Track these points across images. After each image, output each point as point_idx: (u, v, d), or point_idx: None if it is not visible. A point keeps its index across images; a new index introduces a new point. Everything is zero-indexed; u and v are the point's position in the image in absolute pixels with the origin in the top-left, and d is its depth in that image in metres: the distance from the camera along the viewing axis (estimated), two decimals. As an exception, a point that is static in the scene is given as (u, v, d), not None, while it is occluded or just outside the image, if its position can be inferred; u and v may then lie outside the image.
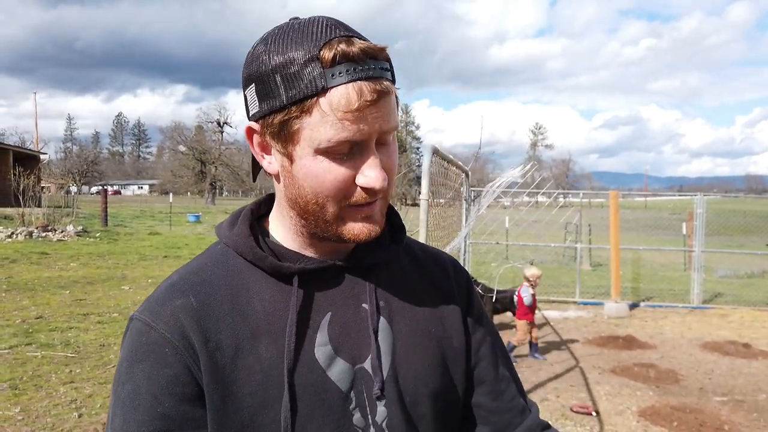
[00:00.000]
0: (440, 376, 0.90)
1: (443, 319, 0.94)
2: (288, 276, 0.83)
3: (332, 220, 0.79)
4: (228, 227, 0.89)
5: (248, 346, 0.79)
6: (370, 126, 0.74)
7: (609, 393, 5.53)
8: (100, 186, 56.03)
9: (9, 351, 5.93)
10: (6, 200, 22.13)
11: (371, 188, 0.76)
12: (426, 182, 2.46)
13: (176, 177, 64.91)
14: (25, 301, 8.52)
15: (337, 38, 0.72)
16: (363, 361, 0.83)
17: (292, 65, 0.72)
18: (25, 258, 12.93)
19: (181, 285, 0.82)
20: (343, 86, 0.71)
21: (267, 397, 0.78)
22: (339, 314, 0.84)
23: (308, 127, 0.73)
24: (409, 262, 0.97)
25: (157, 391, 0.75)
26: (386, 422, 0.83)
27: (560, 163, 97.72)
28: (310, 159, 0.75)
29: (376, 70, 0.73)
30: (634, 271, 14.98)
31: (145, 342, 0.77)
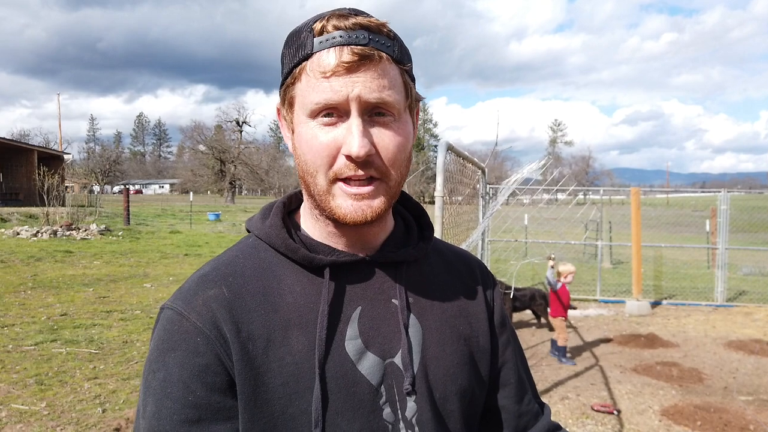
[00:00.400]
0: (468, 373, 0.91)
1: (470, 318, 0.95)
2: (319, 268, 0.83)
3: (323, 193, 0.79)
4: (260, 220, 0.90)
5: (280, 337, 0.79)
6: (350, 90, 0.74)
7: (630, 392, 5.47)
8: (122, 185, 56.76)
9: (35, 347, 6.05)
10: (31, 200, 22.56)
11: (350, 155, 0.75)
12: (441, 179, 2.45)
13: (196, 176, 65.52)
14: (50, 298, 8.68)
15: (333, 13, 0.76)
16: (393, 356, 0.84)
17: (296, 41, 0.78)
18: (50, 256, 13.17)
19: (213, 276, 0.83)
20: (326, 50, 0.74)
21: (298, 388, 0.78)
22: (369, 308, 0.85)
23: (299, 93, 0.78)
24: (437, 260, 0.98)
25: (189, 380, 0.76)
26: (416, 417, 0.83)
27: (580, 159, 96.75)
28: (303, 126, 0.78)
29: (365, 39, 0.75)
30: (656, 268, 14.78)
31: (177, 331, 0.78)
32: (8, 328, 6.77)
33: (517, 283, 10.92)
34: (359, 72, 0.74)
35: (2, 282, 9.81)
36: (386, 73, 0.76)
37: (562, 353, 6.39)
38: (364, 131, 0.75)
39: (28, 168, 25.35)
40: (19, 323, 7.03)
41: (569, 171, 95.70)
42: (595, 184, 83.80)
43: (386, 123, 0.78)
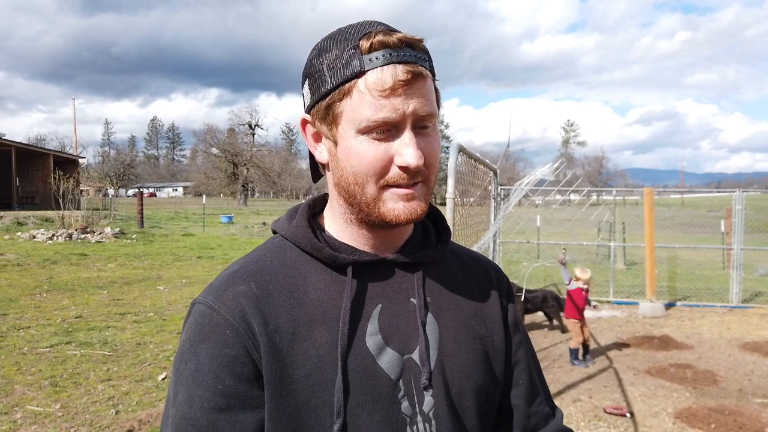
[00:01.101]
0: (483, 371, 0.94)
1: (485, 319, 0.98)
2: (342, 267, 0.88)
3: (372, 201, 0.83)
4: (287, 221, 0.94)
5: (304, 331, 0.83)
6: (405, 106, 0.79)
7: (644, 394, 5.42)
8: (137, 189, 57.27)
9: (50, 349, 6.12)
10: (47, 203, 22.84)
11: (407, 166, 0.80)
12: (452, 181, 2.46)
13: (209, 179, 65.98)
14: (65, 301, 8.78)
15: (376, 30, 0.79)
16: (411, 352, 0.87)
17: (336, 56, 0.80)
18: (65, 259, 13.32)
19: (242, 273, 0.87)
20: (379, 68, 0.78)
21: (321, 380, 0.81)
22: (389, 306, 0.88)
23: (350, 109, 0.80)
24: (454, 262, 1.01)
25: (219, 370, 0.80)
26: (433, 411, 0.86)
27: (593, 160, 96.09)
28: (352, 140, 0.81)
29: (411, 56, 0.79)
30: (670, 269, 14.64)
31: (208, 323, 0.82)
32: (24, 331, 6.86)
33: (530, 284, 10.87)
34: (412, 89, 0.79)
35: (18, 285, 9.94)
36: (429, 87, 0.82)
37: (573, 355, 6.34)
38: (416, 143, 0.80)
39: (44, 172, 25.67)
40: (35, 325, 7.12)
41: (582, 172, 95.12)
42: (609, 185, 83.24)
43: (428, 133, 0.83)
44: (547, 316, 8.07)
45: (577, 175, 67.63)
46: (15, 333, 6.74)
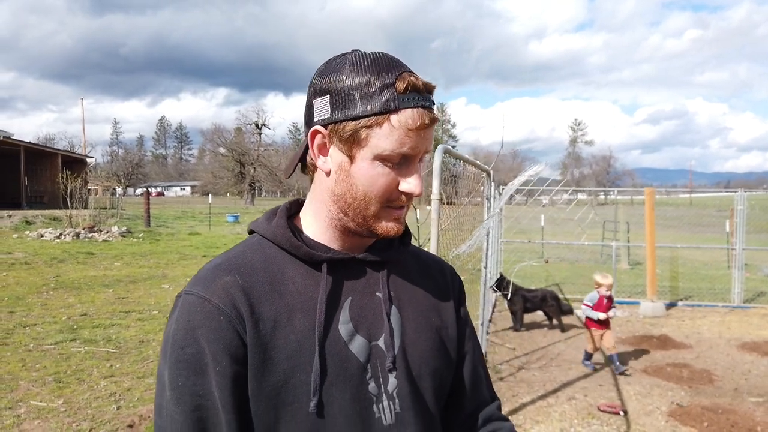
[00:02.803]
0: (440, 357, 1.06)
1: (441, 312, 1.10)
2: (318, 263, 0.98)
3: (371, 216, 0.96)
4: (266, 221, 1.04)
5: (285, 319, 0.92)
6: (420, 145, 0.93)
7: (639, 393, 5.46)
8: (144, 188, 57.69)
9: (55, 346, 6.23)
10: (55, 202, 23.06)
11: (411, 193, 0.95)
12: (437, 183, 2.52)
13: (216, 178, 66.27)
14: (71, 299, 8.91)
15: (406, 72, 0.91)
16: (377, 339, 0.99)
17: (370, 86, 0.90)
18: (73, 258, 13.48)
19: (226, 266, 0.95)
20: (410, 110, 0.90)
21: (300, 362, 0.91)
22: (358, 299, 1.00)
23: (375, 137, 0.90)
24: (414, 263, 1.14)
25: (217, 353, 0.88)
26: (396, 391, 0.98)
27: (600, 159, 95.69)
28: (368, 163, 0.92)
29: (430, 101, 0.94)
30: (673, 269, 14.63)
31: (200, 311, 0.90)
32: (30, 328, 6.98)
33: (531, 284, 10.91)
34: (428, 131, 0.93)
35: (26, 283, 10.09)
36: (434, 129, 0.96)
37: (586, 356, 6.28)
38: (420, 175, 0.96)
39: (53, 171, 25.88)
40: (41, 323, 7.25)
41: (590, 171, 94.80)
42: (617, 185, 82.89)
43: (423, 161, 0.98)
44: (547, 315, 8.11)
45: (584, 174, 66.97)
46: (21, 330, 6.87)
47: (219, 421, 0.88)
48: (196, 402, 0.88)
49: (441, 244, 3.11)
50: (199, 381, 0.88)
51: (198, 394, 0.88)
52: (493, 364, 6.32)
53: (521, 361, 6.49)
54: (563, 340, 7.49)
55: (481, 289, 5.01)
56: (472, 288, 5.64)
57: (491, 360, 6.46)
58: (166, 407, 0.90)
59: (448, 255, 3.20)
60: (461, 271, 4.27)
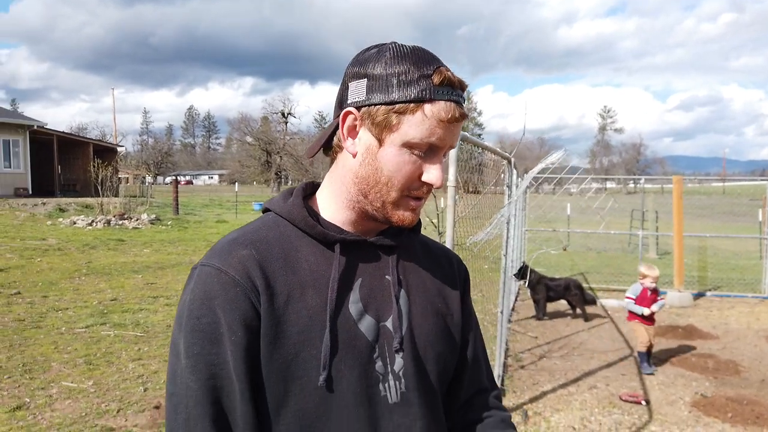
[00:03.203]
0: (444, 342, 1.09)
1: (446, 299, 1.13)
2: (331, 243, 1.01)
3: (390, 203, 0.98)
4: (282, 200, 1.07)
5: (297, 294, 0.95)
6: (449, 138, 0.96)
7: (662, 383, 5.41)
8: (173, 176, 58.58)
9: (86, 330, 6.43)
10: (87, 190, 23.60)
11: (432, 184, 0.97)
12: (453, 169, 2.53)
13: (243, 167, 66.91)
14: (102, 284, 9.15)
15: (443, 67, 0.94)
16: (386, 320, 1.01)
17: (407, 74, 0.93)
18: (104, 244, 13.81)
19: (242, 240, 0.98)
20: (444, 102, 0.93)
21: (311, 336, 0.94)
22: (368, 281, 1.02)
23: (407, 123, 0.93)
24: (423, 251, 1.17)
25: (233, 323, 0.91)
26: (402, 371, 1.01)
27: (630, 147, 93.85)
28: (396, 148, 0.95)
29: (462, 97, 0.96)
30: (702, 259, 14.36)
31: (217, 282, 0.92)
32: (62, 312, 7.21)
33: (555, 273, 10.83)
34: (457, 126, 0.96)
35: (59, 269, 10.39)
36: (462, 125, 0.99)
37: (642, 359, 5.78)
38: (442, 167, 0.98)
39: (84, 160, 26.43)
40: (73, 307, 7.47)
41: (619, 159, 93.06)
42: (647, 173, 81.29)
43: (446, 156, 1.01)
44: (570, 304, 8.06)
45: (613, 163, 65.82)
46: (54, 314, 7.09)
47: (233, 390, 0.91)
48: (211, 371, 0.91)
49: (459, 231, 3.12)
50: (215, 350, 0.91)
51: (213, 363, 0.91)
52: (515, 352, 6.32)
53: (543, 349, 6.48)
54: (586, 329, 7.44)
55: (501, 277, 5.00)
56: (495, 276, 5.64)
57: (513, 348, 6.46)
58: (180, 375, 0.92)
59: (465, 242, 3.20)
60: (478, 258, 4.28)
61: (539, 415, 4.59)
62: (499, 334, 4.94)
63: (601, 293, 9.90)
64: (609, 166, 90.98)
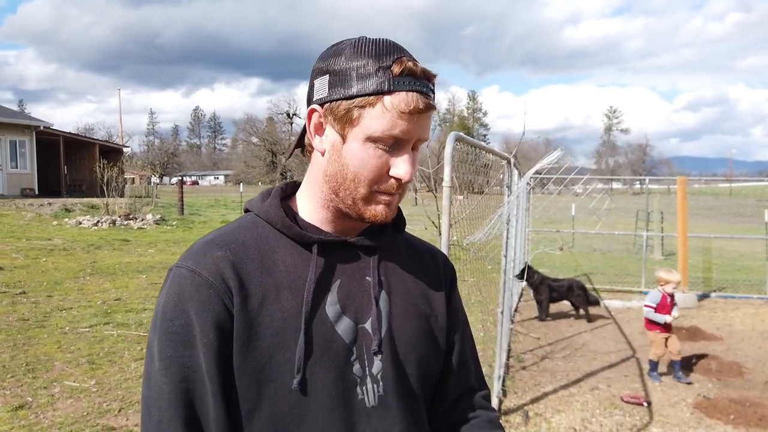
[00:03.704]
0: (426, 344, 1.06)
1: (430, 300, 1.11)
2: (309, 244, 0.99)
3: (360, 199, 0.96)
4: (260, 201, 1.06)
5: (272, 296, 0.94)
6: (414, 130, 0.93)
7: (664, 384, 5.39)
8: (179, 177, 58.78)
9: (89, 329, 6.46)
10: (93, 191, 23.71)
11: (401, 179, 0.95)
12: (448, 169, 2.53)
13: (249, 167, 67.13)
14: (106, 284, 9.19)
15: (405, 57, 0.92)
16: (365, 322, 0.99)
17: (366, 68, 0.91)
18: (109, 245, 13.87)
19: (218, 241, 0.97)
20: (404, 92, 0.91)
21: (285, 339, 0.92)
22: (347, 282, 1.01)
23: (368, 117, 0.91)
24: (406, 249, 1.14)
25: (204, 325, 0.90)
26: (381, 374, 0.99)
27: (636, 148, 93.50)
28: (360, 143, 0.93)
29: (428, 88, 0.94)
30: (707, 260, 14.29)
31: (191, 284, 0.92)
32: (66, 311, 7.24)
33: (559, 273, 10.80)
34: (423, 117, 0.93)
35: (64, 268, 10.44)
36: (431, 116, 0.96)
37: (652, 366, 5.60)
38: (411, 161, 0.95)
39: (91, 161, 26.54)
40: (77, 307, 7.51)
41: (625, 160, 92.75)
42: (653, 173, 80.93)
43: (417, 149, 0.98)
44: (573, 305, 8.04)
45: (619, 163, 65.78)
46: (58, 313, 7.13)
47: (205, 392, 0.90)
48: (184, 373, 0.90)
49: (458, 232, 3.12)
50: (188, 352, 0.90)
51: (186, 366, 0.90)
52: (517, 353, 6.31)
53: (545, 350, 6.46)
54: (589, 330, 7.42)
55: (502, 278, 5.00)
56: (497, 277, 5.63)
57: (515, 349, 6.44)
58: (154, 377, 0.92)
59: (462, 242, 3.20)
60: (480, 258, 4.27)
61: (540, 416, 4.59)
62: (499, 335, 4.93)
63: (605, 294, 9.87)
64: (615, 166, 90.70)
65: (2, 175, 23.31)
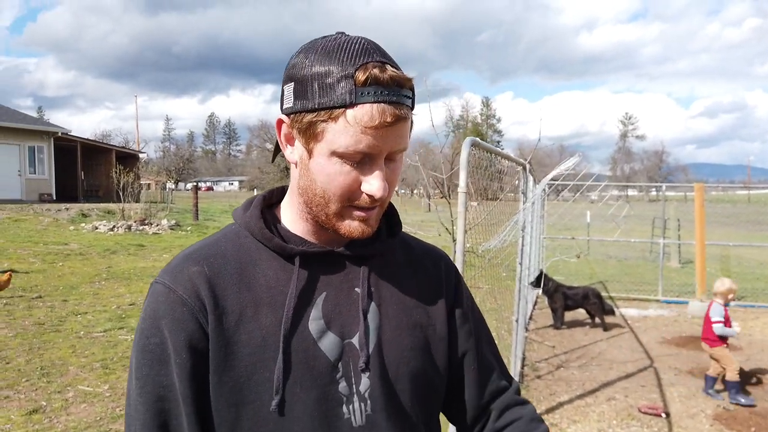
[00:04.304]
0: (421, 358, 0.99)
1: (429, 309, 1.04)
2: (291, 256, 0.94)
3: (333, 215, 0.91)
4: (242, 211, 1.01)
5: (251, 313, 0.89)
6: (383, 144, 0.85)
7: (683, 395, 5.29)
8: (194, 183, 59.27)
9: (104, 334, 6.49)
10: (109, 196, 23.96)
11: (373, 195, 0.87)
12: (464, 175, 2.50)
13: (263, 173, 67.52)
14: (121, 289, 9.25)
15: (372, 62, 0.83)
16: (351, 337, 0.93)
17: (329, 77, 0.83)
18: (124, 250, 13.98)
19: (196, 255, 0.93)
20: (369, 105, 0.82)
21: (264, 358, 0.88)
22: (333, 295, 0.95)
23: (331, 132, 0.84)
24: (403, 254, 1.07)
25: (177, 344, 0.86)
26: (369, 392, 0.93)
27: (653, 154, 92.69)
28: (325, 158, 0.86)
29: (399, 96, 0.84)
30: (726, 268, 14.07)
31: (164, 301, 0.88)
32: (81, 316, 7.29)
33: (574, 281, 10.70)
34: (392, 129, 0.84)
35: (80, 273, 10.53)
36: (407, 126, 0.88)
37: (735, 388, 5.07)
38: (384, 176, 0.88)
39: (107, 167, 26.82)
40: (92, 311, 7.55)
41: (641, 167, 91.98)
42: (669, 180, 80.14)
43: (395, 163, 0.91)
44: (589, 313, 7.94)
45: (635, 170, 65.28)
46: (73, 318, 7.18)
47: (179, 413, 0.87)
48: (159, 393, 0.87)
49: (472, 239, 3.08)
50: (163, 371, 0.87)
51: (161, 385, 0.87)
52: (532, 361, 6.23)
53: (560, 359, 6.38)
54: (605, 339, 7.32)
55: (517, 285, 4.94)
56: (512, 284, 5.57)
57: (529, 357, 6.37)
58: (132, 396, 0.89)
59: (477, 249, 3.17)
60: (495, 266, 4.23)
61: (556, 426, 4.51)
62: (514, 343, 4.88)
63: (621, 302, 9.75)
64: (630, 173, 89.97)
65: (21, 181, 23.64)
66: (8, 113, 24.77)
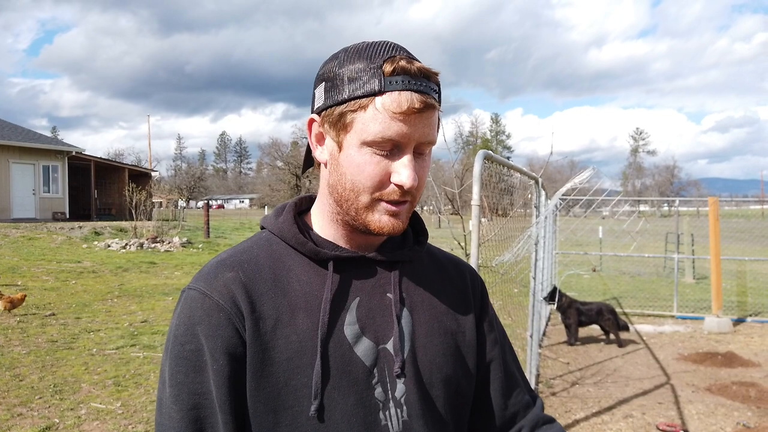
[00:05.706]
0: (453, 364, 1.00)
1: (458, 316, 1.04)
2: (324, 261, 0.94)
3: (363, 209, 0.90)
4: (274, 217, 1.01)
5: (287, 318, 0.89)
6: (412, 131, 0.86)
7: (702, 412, 5.19)
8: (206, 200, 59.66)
9: (116, 351, 6.49)
10: (122, 214, 24.17)
11: (402, 185, 0.87)
12: (477, 188, 2.49)
13: (274, 191, 67.88)
14: (133, 306, 9.28)
15: (399, 56, 0.86)
16: (386, 343, 0.93)
17: (358, 71, 0.86)
18: (136, 267, 14.05)
19: (230, 262, 0.93)
20: (397, 92, 0.84)
21: (301, 363, 0.88)
22: (366, 300, 0.95)
23: (361, 121, 0.86)
24: (431, 263, 1.08)
25: (215, 350, 0.86)
26: (404, 398, 0.93)
27: (664, 169, 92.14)
28: (355, 149, 0.87)
29: (426, 87, 0.87)
30: (741, 283, 13.88)
31: (201, 307, 0.88)
32: (94, 333, 7.31)
33: (588, 297, 10.59)
34: (421, 117, 0.86)
35: (93, 291, 10.58)
36: (435, 118, 0.90)
37: None
38: (413, 166, 0.88)
39: (120, 185, 27.11)
40: (104, 329, 7.57)
41: (652, 182, 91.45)
42: (681, 195, 79.58)
43: (423, 158, 0.92)
44: (603, 329, 7.84)
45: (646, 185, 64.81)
46: (86, 335, 7.20)
47: (216, 421, 0.86)
48: (194, 400, 0.87)
49: (486, 254, 3.07)
50: (198, 378, 0.87)
51: (196, 392, 0.86)
52: (546, 378, 6.15)
53: (575, 376, 6.29)
54: (620, 355, 7.22)
55: (531, 300, 4.90)
56: (525, 300, 5.52)
57: (544, 374, 6.29)
58: (165, 404, 0.88)
59: (492, 263, 3.15)
60: (507, 281, 4.20)
61: (572, 445, 4.44)
62: (528, 359, 4.82)
63: (635, 318, 9.63)
64: (642, 188, 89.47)
65: (35, 199, 23.91)
66: (24, 133, 25.15)
